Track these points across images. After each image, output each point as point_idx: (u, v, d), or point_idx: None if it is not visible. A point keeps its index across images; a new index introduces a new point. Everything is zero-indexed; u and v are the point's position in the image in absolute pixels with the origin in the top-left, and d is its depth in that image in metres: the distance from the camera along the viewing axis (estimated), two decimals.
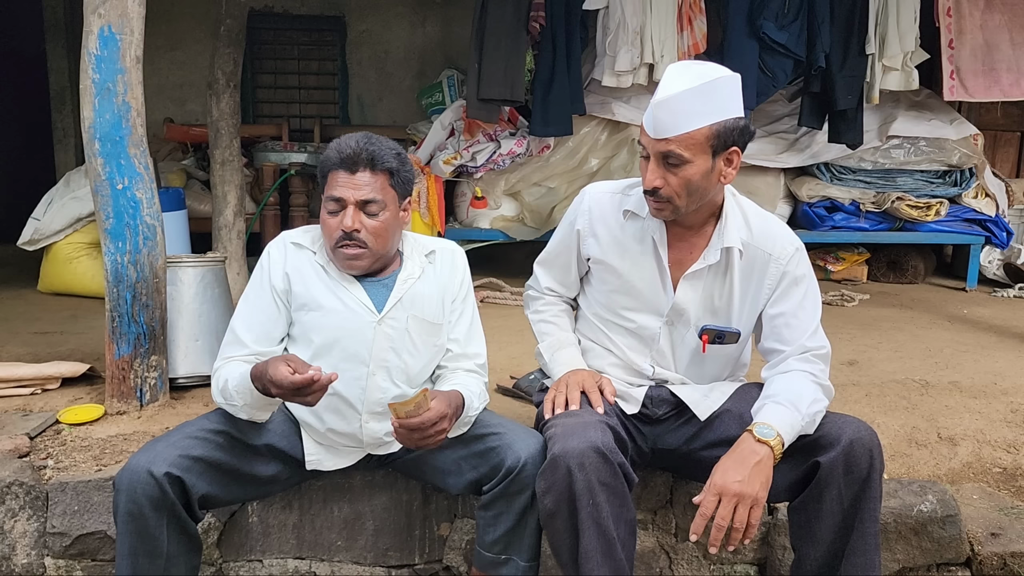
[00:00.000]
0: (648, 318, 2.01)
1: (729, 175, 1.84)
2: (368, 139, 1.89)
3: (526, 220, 4.90)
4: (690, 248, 1.96)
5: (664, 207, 1.85)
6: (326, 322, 1.94)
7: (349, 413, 1.97)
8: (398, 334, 1.95)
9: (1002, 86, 4.45)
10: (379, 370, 1.95)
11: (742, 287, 1.96)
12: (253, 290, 2.00)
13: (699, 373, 2.07)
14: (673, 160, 1.77)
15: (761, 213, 2.01)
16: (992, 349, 3.69)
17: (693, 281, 1.96)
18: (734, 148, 1.80)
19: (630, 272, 1.99)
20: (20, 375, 2.79)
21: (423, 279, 2.00)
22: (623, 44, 4.28)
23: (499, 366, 3.40)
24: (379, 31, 6.05)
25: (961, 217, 4.99)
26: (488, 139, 4.83)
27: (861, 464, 1.81)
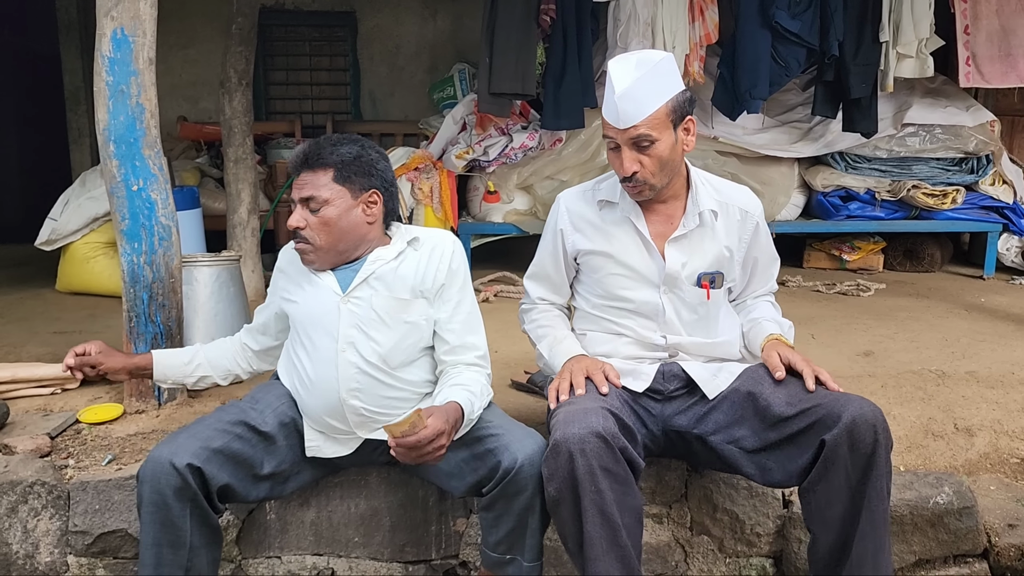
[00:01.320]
0: (647, 291, 2.10)
1: (690, 143, 2.03)
2: (317, 141, 2.01)
3: (539, 213, 4.90)
4: (668, 219, 2.10)
5: (642, 188, 2.00)
6: (301, 309, 2.07)
7: (329, 392, 2.02)
8: (363, 311, 2.01)
9: (1019, 72, 4.40)
10: (347, 347, 2.00)
11: (726, 240, 2.13)
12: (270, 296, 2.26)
13: (707, 328, 2.15)
14: (644, 142, 1.93)
15: (723, 180, 2.21)
16: (1010, 338, 3.66)
17: (678, 245, 2.09)
18: (689, 117, 2.00)
19: (620, 252, 2.10)
20: (40, 375, 2.82)
21: (399, 261, 2.05)
22: (634, 36, 4.26)
23: (513, 361, 3.40)
24: (390, 26, 6.05)
25: (978, 204, 4.95)
26: (500, 133, 4.83)
27: (866, 439, 1.82)
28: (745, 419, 1.98)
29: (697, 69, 4.47)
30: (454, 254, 2.07)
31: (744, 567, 2.36)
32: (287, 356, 2.17)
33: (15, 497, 2.19)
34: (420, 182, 4.51)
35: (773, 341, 2.09)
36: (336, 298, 2.01)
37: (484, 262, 5.04)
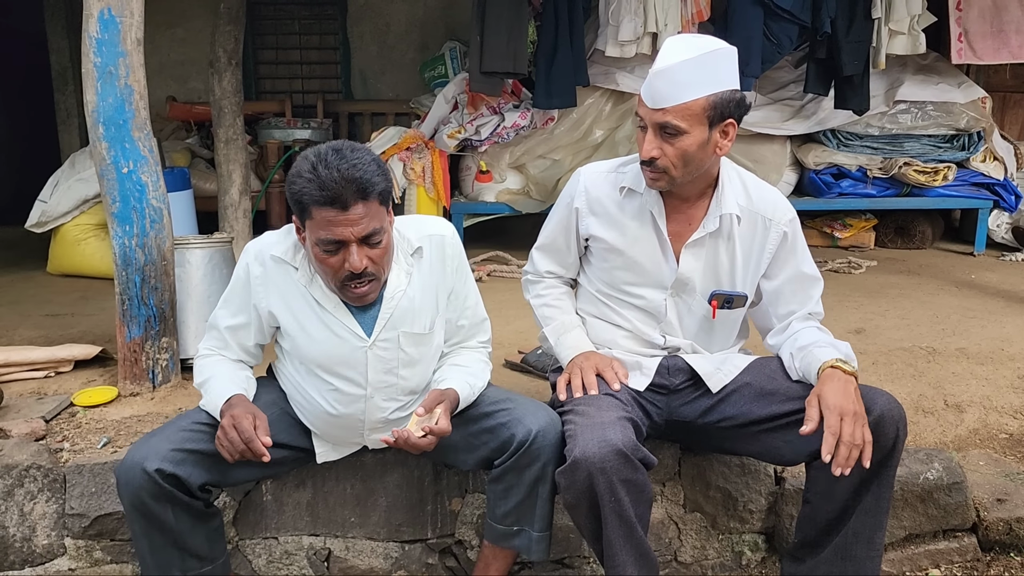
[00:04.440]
0: (653, 292, 2.03)
1: (724, 147, 1.87)
2: (347, 162, 1.69)
3: (531, 193, 4.89)
4: (688, 219, 1.99)
5: (660, 177, 1.89)
6: (315, 349, 1.90)
7: (350, 427, 2.00)
8: (391, 355, 1.91)
9: (1011, 48, 4.41)
10: (376, 392, 1.94)
11: (744, 252, 2.00)
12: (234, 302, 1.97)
13: (708, 340, 2.10)
14: (670, 130, 1.80)
15: (759, 182, 2.04)
16: (1000, 315, 3.68)
17: (695, 250, 1.98)
18: (730, 120, 1.84)
19: (631, 248, 2.01)
20: (34, 359, 2.82)
21: (411, 285, 1.91)
22: (626, 13, 4.24)
23: (507, 340, 3.41)
24: (380, 4, 5.99)
25: (969, 181, 4.96)
26: (492, 112, 4.81)
27: (888, 435, 1.85)
28: (754, 410, 1.98)
29: None
30: (455, 251, 1.98)
31: (736, 543, 2.38)
32: (285, 375, 2.04)
33: (11, 481, 2.20)
34: (412, 162, 4.50)
35: (829, 371, 1.86)
36: (361, 344, 1.88)
37: (477, 241, 5.03)
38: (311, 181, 1.68)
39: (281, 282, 1.89)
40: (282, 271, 1.89)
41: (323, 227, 1.70)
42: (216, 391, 1.90)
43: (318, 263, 1.79)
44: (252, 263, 1.91)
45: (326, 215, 1.69)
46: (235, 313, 1.96)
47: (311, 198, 1.69)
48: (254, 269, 1.90)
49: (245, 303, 1.94)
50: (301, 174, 1.71)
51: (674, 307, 2.04)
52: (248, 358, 2.04)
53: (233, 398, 1.87)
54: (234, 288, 1.96)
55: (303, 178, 1.70)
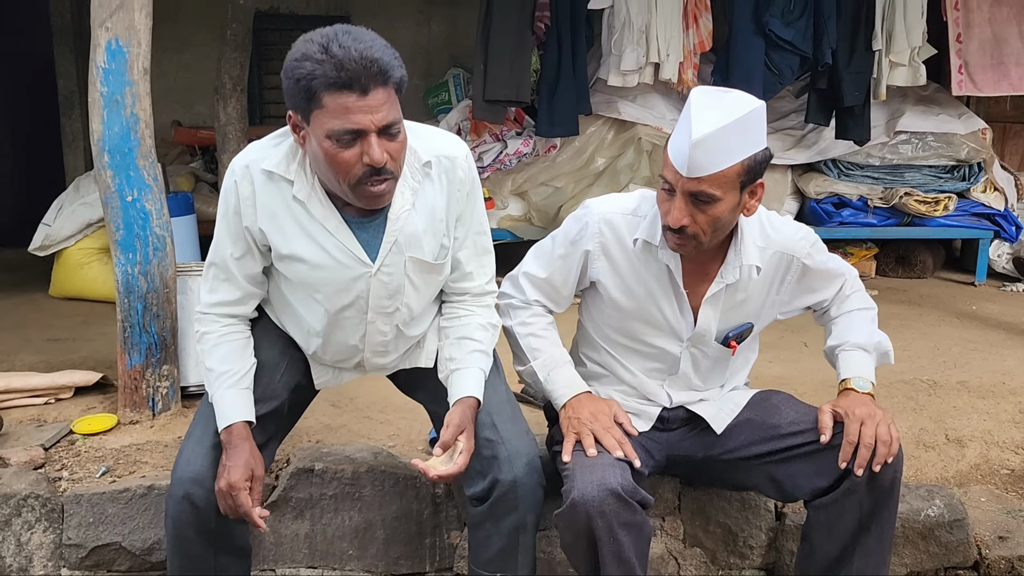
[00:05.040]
0: (668, 342, 1.96)
1: (752, 207, 1.81)
2: (362, 43, 1.50)
3: (533, 220, 4.90)
4: (704, 271, 1.89)
5: (687, 243, 1.78)
6: (313, 275, 1.73)
7: (349, 351, 1.87)
8: (396, 280, 1.75)
9: (1011, 80, 4.44)
10: (378, 317, 1.79)
11: (762, 293, 1.95)
12: (230, 230, 1.75)
13: (722, 375, 2.06)
14: (703, 198, 1.71)
15: (774, 217, 1.96)
16: (1001, 347, 3.68)
17: (713, 303, 1.91)
18: (760, 181, 1.77)
19: (645, 300, 1.92)
20: (34, 385, 2.82)
21: (417, 205, 1.73)
22: (628, 43, 4.27)
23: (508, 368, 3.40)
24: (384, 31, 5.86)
25: (970, 211, 4.97)
26: (494, 139, 4.84)
27: (886, 477, 1.84)
28: (756, 444, 1.98)
29: (691, 76, 4.48)
30: (468, 175, 1.79)
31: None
32: (280, 301, 1.88)
33: (9, 510, 2.19)
34: None
35: (842, 393, 1.91)
36: (365, 270, 1.72)
37: None
38: (324, 63, 1.47)
39: (273, 200, 1.67)
40: (274, 187, 1.67)
41: (338, 116, 1.50)
42: (221, 406, 1.77)
43: (328, 161, 1.56)
44: (240, 182, 1.68)
45: (343, 101, 1.48)
46: (235, 241, 1.75)
47: (324, 82, 1.47)
48: (243, 189, 1.68)
49: (238, 231, 1.73)
50: (309, 56, 1.48)
51: (689, 358, 1.98)
52: (256, 288, 1.84)
53: (235, 431, 1.74)
54: (226, 215, 1.74)
55: (312, 60, 1.48)
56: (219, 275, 1.80)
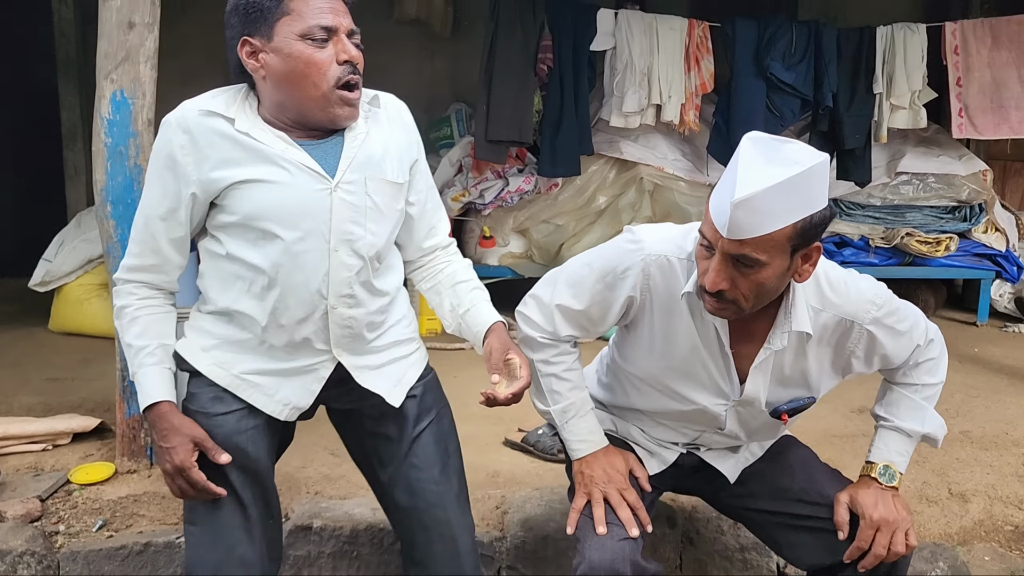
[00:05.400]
0: (711, 399, 1.78)
1: (805, 272, 1.58)
2: None
3: (535, 257, 4.91)
4: (751, 333, 1.71)
5: (726, 307, 1.58)
6: (270, 198, 1.57)
7: (310, 301, 1.63)
8: (358, 199, 1.62)
9: (1011, 123, 4.45)
10: (341, 245, 1.62)
11: (818, 360, 1.75)
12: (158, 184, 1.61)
13: (771, 436, 1.95)
14: (746, 262, 1.50)
15: (840, 275, 1.72)
16: (1003, 394, 3.67)
17: (762, 370, 1.73)
18: (816, 245, 1.54)
19: (689, 354, 1.74)
20: (32, 432, 2.81)
21: (371, 134, 1.67)
22: (631, 85, 4.30)
23: (506, 415, 3.36)
24: (388, 65, 6.04)
25: (971, 252, 4.98)
26: (496, 176, 4.85)
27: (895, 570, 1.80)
28: (763, 500, 1.92)
29: (693, 118, 4.51)
30: (413, 124, 1.80)
31: None
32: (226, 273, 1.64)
33: (4, 567, 2.17)
34: None
35: (863, 480, 1.81)
36: (323, 185, 1.59)
37: None
38: None
39: (214, 139, 1.57)
40: (213, 129, 1.57)
41: (311, 15, 1.50)
42: (144, 384, 1.63)
43: (304, 67, 1.52)
44: (175, 134, 1.57)
45: (314, 2, 1.51)
46: (164, 196, 1.61)
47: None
48: (177, 139, 1.56)
49: (170, 186, 1.60)
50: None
51: (735, 417, 1.80)
52: (179, 256, 1.67)
53: (162, 410, 1.61)
54: (157, 169, 1.61)
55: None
56: (140, 236, 1.65)
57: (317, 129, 1.60)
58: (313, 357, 1.68)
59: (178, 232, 1.63)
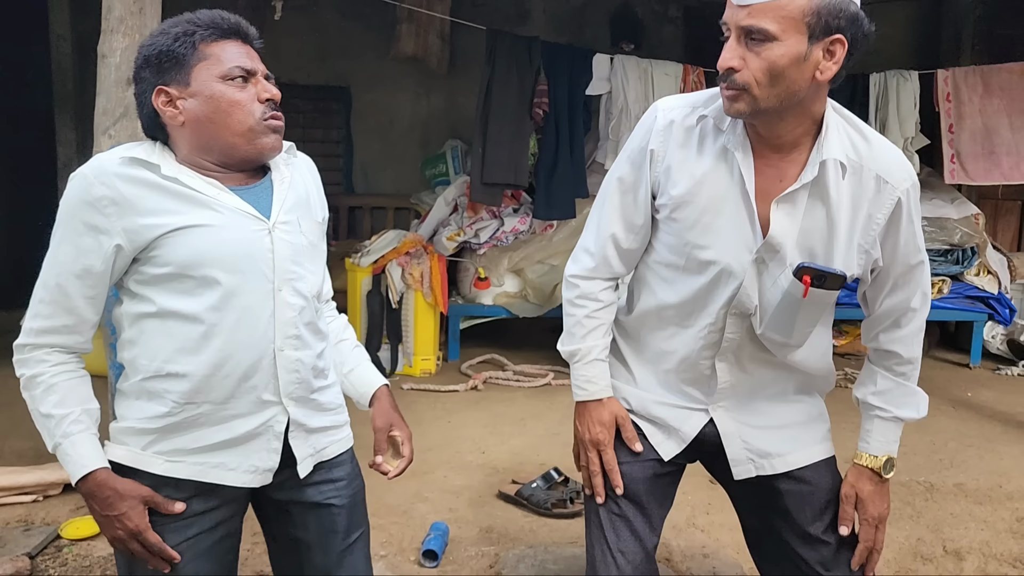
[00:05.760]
0: (734, 255, 1.60)
1: (827, 70, 1.45)
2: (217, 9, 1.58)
3: (529, 297, 4.91)
4: (779, 175, 1.56)
5: (739, 96, 1.47)
6: (210, 242, 1.51)
7: (257, 346, 1.57)
8: (294, 238, 1.60)
9: (1002, 169, 4.49)
10: (284, 284, 1.58)
11: (849, 216, 1.57)
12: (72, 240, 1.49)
13: (788, 327, 1.65)
14: (756, 35, 1.42)
15: (878, 136, 1.62)
16: (997, 443, 3.67)
17: (789, 207, 1.55)
18: (838, 36, 1.43)
19: (707, 203, 1.59)
20: (23, 483, 2.79)
21: (295, 178, 1.66)
22: (626, 130, 4.32)
23: (501, 464, 3.38)
24: (384, 101, 6.12)
25: (964, 294, 5.00)
26: (491, 216, 4.87)
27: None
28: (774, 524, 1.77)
29: None
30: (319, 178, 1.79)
31: None
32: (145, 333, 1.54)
33: None
34: (411, 267, 4.53)
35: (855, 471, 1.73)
36: (261, 226, 1.56)
37: (472, 342, 5.04)
38: (198, 22, 1.51)
39: (139, 190, 1.49)
40: (136, 178, 1.49)
41: (229, 60, 1.51)
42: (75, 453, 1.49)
43: (228, 107, 1.51)
44: (92, 186, 1.47)
45: (229, 48, 1.52)
46: (80, 253, 1.49)
47: (205, 35, 1.51)
48: (96, 190, 1.46)
49: (86, 241, 1.49)
50: (177, 24, 1.52)
51: (755, 276, 1.59)
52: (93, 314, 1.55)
53: (99, 478, 1.49)
54: (70, 224, 1.49)
55: (183, 24, 1.52)
56: (51, 297, 1.52)
57: (243, 169, 1.59)
58: (262, 412, 1.59)
59: (95, 290, 1.53)
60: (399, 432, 1.71)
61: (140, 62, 1.53)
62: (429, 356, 4.66)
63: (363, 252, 4.65)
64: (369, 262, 4.59)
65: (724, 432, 1.72)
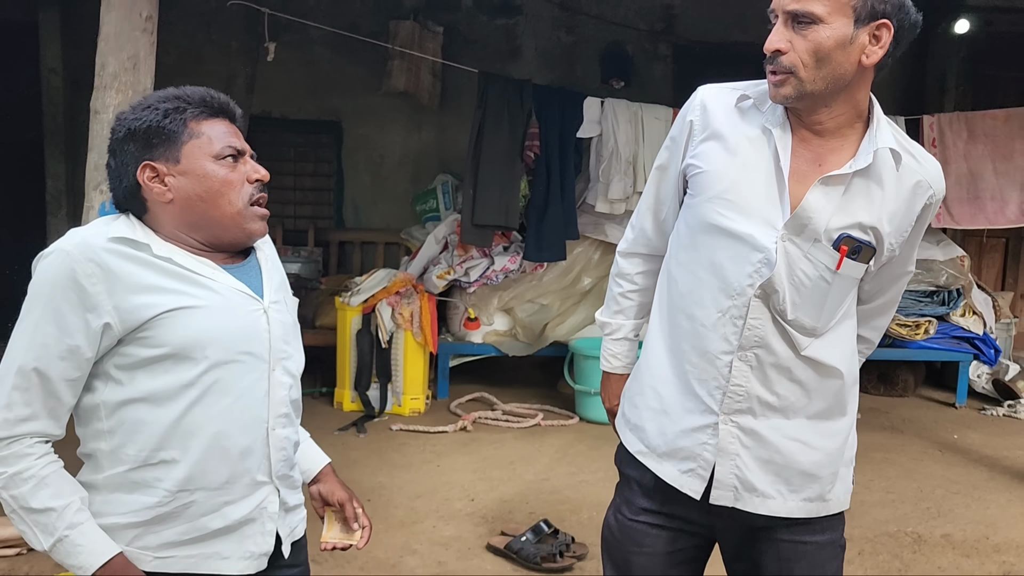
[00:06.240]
0: (759, 228, 1.55)
1: (873, 54, 1.46)
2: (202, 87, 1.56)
3: (518, 335, 4.92)
4: (818, 159, 1.54)
5: (785, 79, 1.48)
6: (206, 325, 1.47)
7: (257, 422, 1.54)
8: (283, 317, 1.59)
9: (987, 214, 4.56)
10: (278, 364, 1.57)
11: (893, 205, 1.54)
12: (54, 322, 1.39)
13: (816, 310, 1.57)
14: (803, 19, 1.45)
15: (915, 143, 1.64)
16: (983, 490, 3.69)
17: (830, 189, 1.52)
18: (884, 21, 1.45)
19: (739, 175, 1.57)
20: (5, 536, 2.75)
21: (274, 257, 1.67)
22: (616, 173, 4.36)
23: (490, 513, 3.36)
24: (375, 136, 6.13)
25: (950, 335, 5.05)
26: (482, 255, 4.88)
27: None
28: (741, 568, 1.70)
29: None
30: None
31: None
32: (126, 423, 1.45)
33: None
34: (401, 307, 4.53)
35: None
36: (256, 306, 1.55)
37: (461, 378, 5.04)
38: (187, 99, 1.49)
39: (129, 268, 1.43)
40: (124, 257, 1.44)
41: (219, 139, 1.49)
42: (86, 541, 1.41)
43: (220, 187, 1.49)
44: (77, 264, 1.39)
45: (219, 127, 1.50)
46: (63, 334, 1.39)
47: (195, 113, 1.48)
48: (82, 267, 1.39)
49: (72, 320, 1.40)
50: (166, 99, 1.48)
51: (785, 255, 1.53)
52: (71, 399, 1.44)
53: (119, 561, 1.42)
54: (48, 302, 1.40)
55: (172, 100, 1.48)
56: (27, 383, 1.40)
57: (228, 249, 1.57)
58: (256, 494, 1.54)
59: (78, 372, 1.43)
60: (358, 505, 1.70)
61: (122, 134, 1.48)
62: (418, 395, 4.66)
63: (353, 291, 4.65)
64: (359, 301, 4.59)
65: (721, 448, 1.59)
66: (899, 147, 1.53)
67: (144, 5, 2.46)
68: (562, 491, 3.57)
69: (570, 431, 4.34)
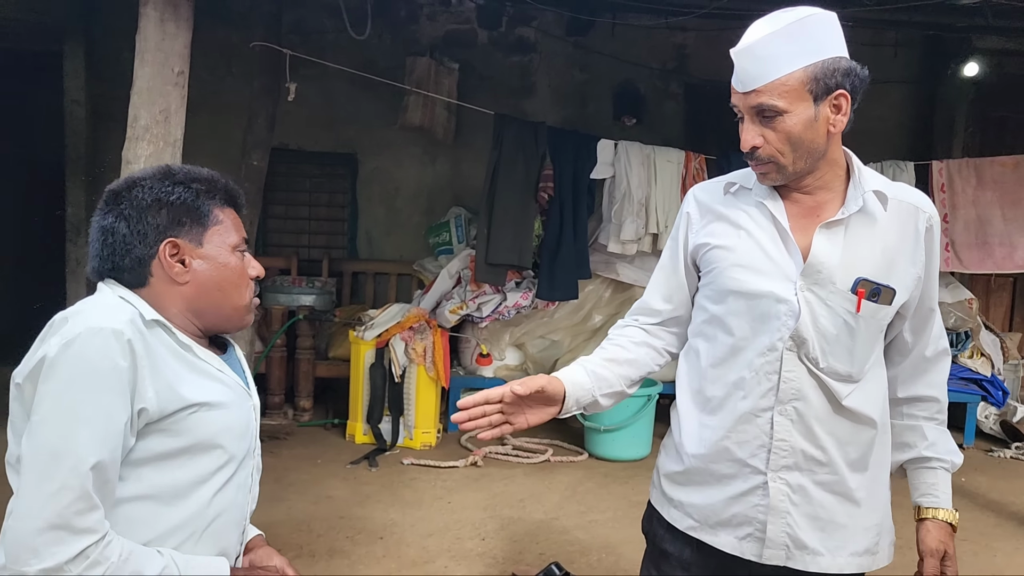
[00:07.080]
0: (778, 283, 1.61)
1: (839, 123, 1.56)
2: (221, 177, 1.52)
3: (529, 370, 4.98)
4: (812, 211, 1.63)
5: (768, 169, 1.59)
6: (221, 420, 1.44)
7: (238, 518, 1.53)
8: (255, 413, 1.57)
9: (995, 259, 4.60)
10: (254, 455, 1.57)
11: (896, 239, 1.62)
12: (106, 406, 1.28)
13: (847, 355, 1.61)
14: (768, 113, 1.54)
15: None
16: (990, 537, 3.71)
17: (832, 234, 1.60)
18: (841, 92, 1.54)
19: (748, 243, 1.65)
20: None
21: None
22: (628, 214, 4.43)
23: (501, 553, 3.40)
24: (390, 168, 6.23)
25: (957, 376, 5.08)
26: (494, 291, 4.94)
27: None
28: None
29: None
30: None
31: None
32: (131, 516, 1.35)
33: None
34: (414, 342, 4.59)
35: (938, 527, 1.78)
36: (248, 400, 1.54)
37: None
38: (211, 181, 1.46)
39: (163, 357, 1.38)
40: (160, 342, 1.38)
41: (234, 229, 1.48)
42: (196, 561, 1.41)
43: (235, 277, 1.48)
44: (133, 339, 1.31)
45: (232, 216, 1.48)
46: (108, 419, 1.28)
47: (221, 199, 1.46)
48: (137, 346, 1.32)
49: (117, 402, 1.30)
50: (197, 178, 1.45)
51: (807, 304, 1.59)
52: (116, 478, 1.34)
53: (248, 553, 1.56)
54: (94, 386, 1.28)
55: (205, 179, 1.46)
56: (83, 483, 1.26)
57: (210, 335, 1.55)
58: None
59: (122, 449, 1.33)
60: (292, 570, 1.63)
61: (148, 201, 1.40)
62: (430, 429, 4.71)
63: (367, 325, 4.71)
64: (373, 335, 4.65)
65: (772, 506, 1.61)
66: (883, 188, 1.62)
67: (176, 61, 2.55)
68: (571, 531, 3.61)
69: (579, 468, 4.38)
